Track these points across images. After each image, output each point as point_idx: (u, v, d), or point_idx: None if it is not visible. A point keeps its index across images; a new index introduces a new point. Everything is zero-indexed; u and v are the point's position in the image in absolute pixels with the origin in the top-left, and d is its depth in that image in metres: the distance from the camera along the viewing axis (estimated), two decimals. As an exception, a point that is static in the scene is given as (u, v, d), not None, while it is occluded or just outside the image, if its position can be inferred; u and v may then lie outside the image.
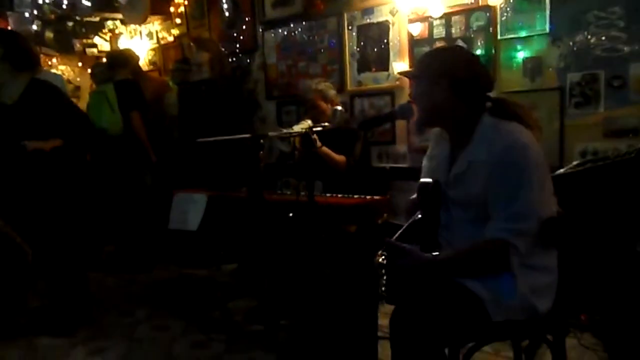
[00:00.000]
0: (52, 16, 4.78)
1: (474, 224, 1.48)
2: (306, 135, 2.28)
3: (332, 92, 2.91)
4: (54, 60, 5.70)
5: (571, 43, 2.72)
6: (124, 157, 3.85)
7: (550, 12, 2.76)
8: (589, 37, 2.66)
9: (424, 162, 1.70)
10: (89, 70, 4.66)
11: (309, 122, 2.53)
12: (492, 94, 1.56)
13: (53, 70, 5.29)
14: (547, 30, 2.79)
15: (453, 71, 1.47)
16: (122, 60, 4.04)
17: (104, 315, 2.95)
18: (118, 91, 3.88)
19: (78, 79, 5.94)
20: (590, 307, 2.01)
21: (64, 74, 5.62)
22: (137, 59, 4.31)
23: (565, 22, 2.73)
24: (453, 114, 1.50)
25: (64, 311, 2.71)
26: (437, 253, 1.42)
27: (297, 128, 2.38)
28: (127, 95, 3.86)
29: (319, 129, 2.35)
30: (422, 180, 1.60)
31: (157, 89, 4.57)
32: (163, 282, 3.54)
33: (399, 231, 1.62)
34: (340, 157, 2.75)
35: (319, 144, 2.57)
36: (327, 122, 2.47)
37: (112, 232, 4.02)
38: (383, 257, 1.51)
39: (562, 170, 2.20)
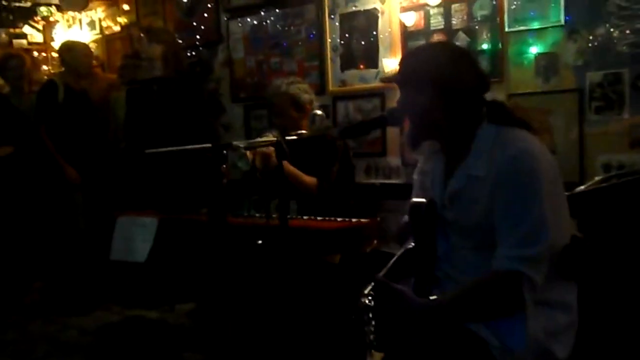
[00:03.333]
0: (-28, 1, 4.74)
1: (477, 252, 1.48)
2: (279, 145, 2.27)
3: (305, 97, 2.83)
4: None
5: (590, 37, 2.78)
6: (41, 175, 3.89)
7: (566, 0, 2.82)
8: (611, 30, 2.73)
9: (415, 177, 1.70)
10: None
11: (277, 133, 2.50)
12: (500, 98, 1.58)
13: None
14: (563, 21, 2.84)
15: (436, 73, 1.48)
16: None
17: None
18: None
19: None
20: (615, 352, 2.01)
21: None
22: (80, 52, 4.31)
23: (583, 13, 2.79)
24: (445, 123, 1.51)
25: None
26: (434, 297, 1.41)
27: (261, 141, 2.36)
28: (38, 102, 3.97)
29: (293, 137, 2.33)
30: (413, 200, 1.59)
31: (106, 90, 4.57)
32: (103, 326, 3.46)
33: (389, 263, 1.61)
34: (310, 180, 2.68)
35: (274, 160, 2.39)
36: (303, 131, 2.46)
37: (39, 266, 3.94)
38: (370, 297, 1.49)
39: (582, 187, 2.23)
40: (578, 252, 1.47)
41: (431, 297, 1.42)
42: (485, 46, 3.08)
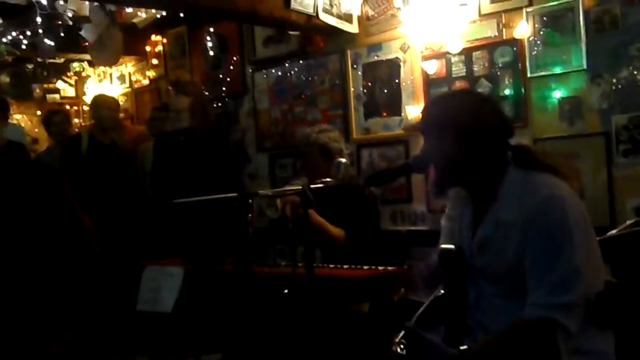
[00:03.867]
0: (10, 58, 4.96)
1: (509, 299, 1.47)
2: (304, 194, 2.29)
3: (336, 145, 2.84)
4: (9, 107, 5.83)
5: (614, 80, 2.80)
6: (60, 226, 4.02)
7: (587, 45, 2.85)
8: (634, 73, 2.74)
9: (443, 223, 1.71)
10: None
11: (304, 182, 2.52)
12: (525, 141, 1.60)
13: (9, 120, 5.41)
14: (585, 66, 2.87)
15: (458, 120, 1.51)
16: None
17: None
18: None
19: (36, 130, 6.05)
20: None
21: (19, 124, 5.74)
22: (104, 106, 4.47)
23: (605, 57, 2.82)
24: (470, 169, 1.53)
25: None
26: (465, 347, 1.39)
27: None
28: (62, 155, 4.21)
29: (318, 186, 2.35)
30: (442, 246, 1.59)
31: (135, 142, 4.70)
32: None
33: (419, 311, 1.60)
34: (337, 232, 2.67)
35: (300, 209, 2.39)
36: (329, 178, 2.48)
37: (66, 317, 3.97)
38: (402, 346, 1.48)
39: (614, 232, 2.19)
40: (613, 299, 1.44)
41: (462, 347, 1.39)
42: (507, 92, 3.11)
